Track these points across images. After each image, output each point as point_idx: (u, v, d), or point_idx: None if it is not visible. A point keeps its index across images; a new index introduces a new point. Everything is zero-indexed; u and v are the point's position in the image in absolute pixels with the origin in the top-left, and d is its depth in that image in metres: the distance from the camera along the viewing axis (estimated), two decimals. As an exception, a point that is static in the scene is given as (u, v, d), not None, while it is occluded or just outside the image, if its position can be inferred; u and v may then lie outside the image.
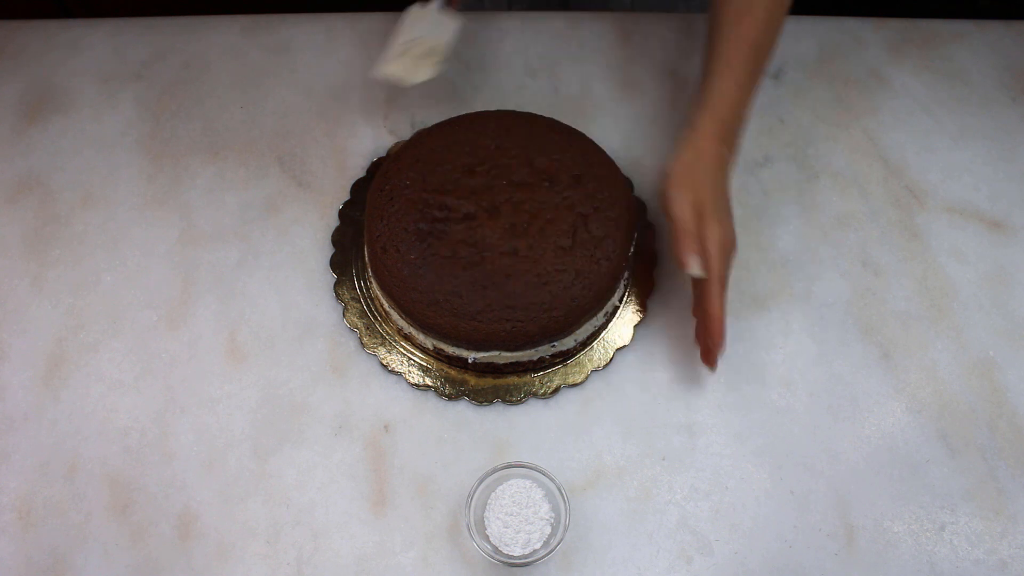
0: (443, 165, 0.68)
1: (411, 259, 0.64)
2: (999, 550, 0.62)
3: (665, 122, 0.81)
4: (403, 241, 0.65)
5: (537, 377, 0.68)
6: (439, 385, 0.67)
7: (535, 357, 0.66)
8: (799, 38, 0.86)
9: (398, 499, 0.64)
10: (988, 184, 0.78)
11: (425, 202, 0.66)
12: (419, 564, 0.61)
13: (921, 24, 0.87)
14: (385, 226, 0.66)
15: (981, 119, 0.81)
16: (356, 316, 0.70)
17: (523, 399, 0.66)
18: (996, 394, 0.68)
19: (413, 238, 0.65)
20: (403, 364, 0.68)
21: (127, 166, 0.78)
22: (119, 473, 0.65)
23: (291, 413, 0.67)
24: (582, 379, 0.67)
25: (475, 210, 0.66)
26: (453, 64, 0.84)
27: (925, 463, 0.65)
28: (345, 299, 0.71)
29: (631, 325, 0.70)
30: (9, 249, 0.74)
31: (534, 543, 0.59)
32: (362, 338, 0.69)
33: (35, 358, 0.69)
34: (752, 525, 0.63)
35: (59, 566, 0.61)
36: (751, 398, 0.68)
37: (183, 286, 0.72)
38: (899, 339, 0.70)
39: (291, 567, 0.61)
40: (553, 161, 0.68)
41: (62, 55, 0.85)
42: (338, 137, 0.80)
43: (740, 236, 0.74)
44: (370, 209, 0.68)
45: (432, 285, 0.64)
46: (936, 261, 0.74)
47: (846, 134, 0.80)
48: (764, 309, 0.71)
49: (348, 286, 0.71)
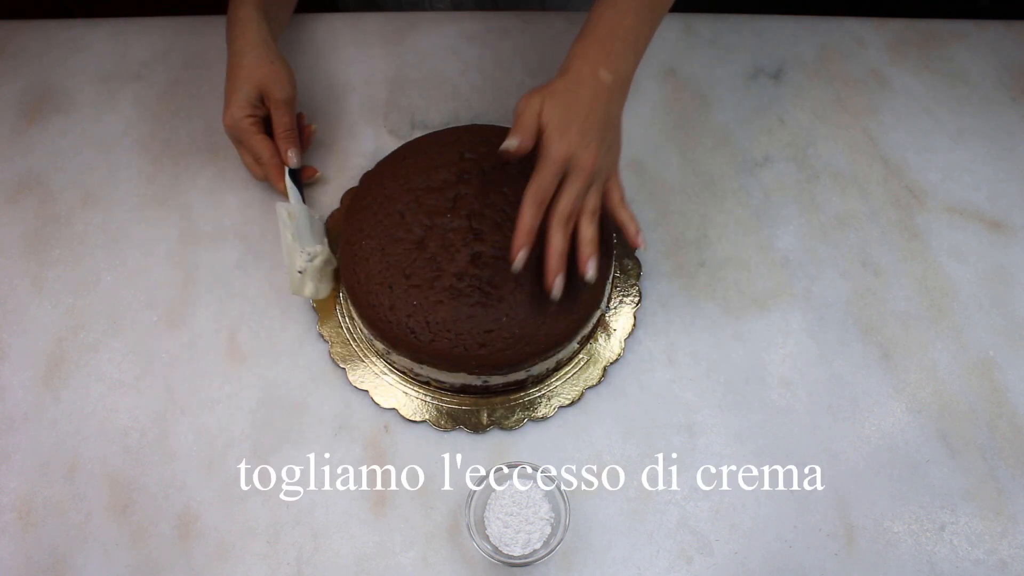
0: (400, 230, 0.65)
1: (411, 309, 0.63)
2: (999, 550, 0.62)
3: (665, 122, 0.81)
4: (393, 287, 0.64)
5: (532, 396, 0.67)
6: (435, 415, 0.67)
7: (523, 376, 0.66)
8: (799, 38, 0.86)
9: (398, 499, 0.64)
10: (988, 184, 0.78)
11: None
12: (419, 564, 0.61)
13: (921, 24, 0.87)
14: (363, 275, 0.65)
15: (981, 119, 0.81)
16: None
17: (522, 423, 0.66)
18: (996, 394, 0.68)
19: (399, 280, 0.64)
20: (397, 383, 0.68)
21: (127, 166, 0.78)
22: (119, 473, 0.64)
23: (291, 413, 0.67)
24: (577, 396, 0.67)
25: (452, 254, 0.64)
26: (453, 64, 0.84)
27: (925, 463, 0.65)
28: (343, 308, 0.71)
29: (630, 315, 0.70)
30: (9, 249, 0.74)
31: (534, 543, 0.59)
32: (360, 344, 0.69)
33: (35, 358, 0.69)
34: (752, 525, 0.63)
35: (59, 566, 0.61)
36: (751, 398, 0.68)
37: (183, 286, 0.72)
38: (899, 339, 0.70)
39: (291, 567, 0.61)
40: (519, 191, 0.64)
41: (62, 55, 0.85)
42: (338, 137, 0.80)
43: (740, 236, 0.75)
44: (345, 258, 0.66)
45: (416, 314, 0.63)
46: (936, 261, 0.74)
47: (846, 134, 0.80)
48: (764, 309, 0.71)
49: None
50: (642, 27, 0.64)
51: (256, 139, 0.71)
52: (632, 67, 0.63)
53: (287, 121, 0.72)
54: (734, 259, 0.73)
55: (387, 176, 0.68)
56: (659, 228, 0.75)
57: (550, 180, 0.58)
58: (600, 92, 0.60)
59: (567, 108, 0.59)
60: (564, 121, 0.58)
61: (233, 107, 0.70)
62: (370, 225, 0.66)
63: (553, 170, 0.58)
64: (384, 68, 0.84)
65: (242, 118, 0.70)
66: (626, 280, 0.72)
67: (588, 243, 0.59)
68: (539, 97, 0.59)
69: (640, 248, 0.63)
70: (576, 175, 0.58)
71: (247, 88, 0.70)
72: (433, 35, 0.86)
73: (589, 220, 0.60)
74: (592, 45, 0.62)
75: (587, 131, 0.59)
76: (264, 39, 0.72)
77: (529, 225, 0.58)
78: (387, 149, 0.74)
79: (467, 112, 0.81)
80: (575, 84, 0.60)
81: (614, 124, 0.62)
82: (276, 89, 0.71)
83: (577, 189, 0.59)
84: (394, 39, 0.86)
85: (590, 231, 0.60)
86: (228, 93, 0.70)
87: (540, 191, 0.58)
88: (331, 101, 0.82)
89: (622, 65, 0.62)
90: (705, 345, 0.70)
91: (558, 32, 0.86)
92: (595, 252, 0.60)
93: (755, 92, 0.83)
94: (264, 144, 0.71)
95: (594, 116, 0.60)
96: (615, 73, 0.61)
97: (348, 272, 0.66)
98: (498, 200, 0.65)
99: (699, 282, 0.72)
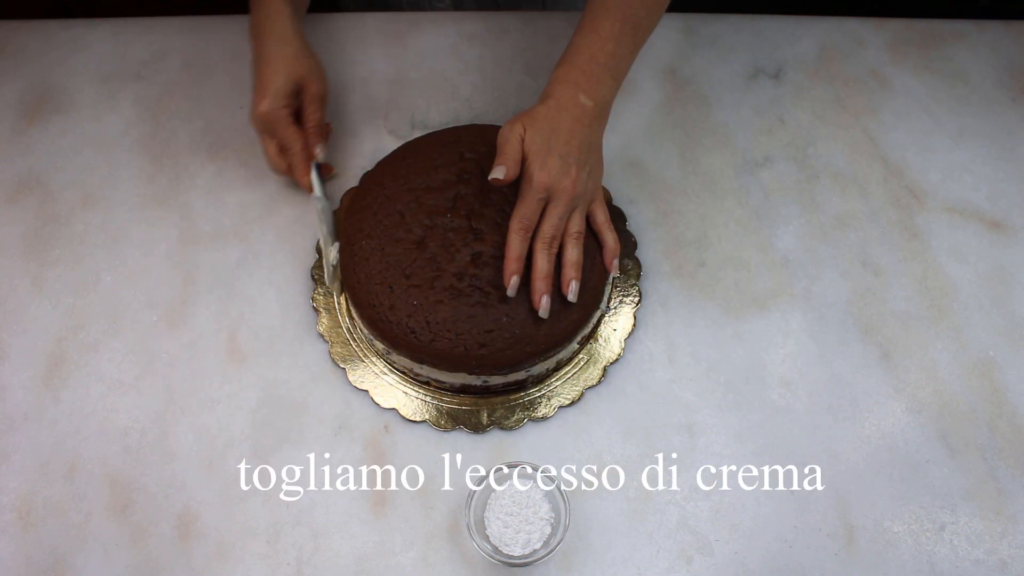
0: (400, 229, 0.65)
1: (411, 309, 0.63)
2: (999, 550, 0.62)
3: (665, 123, 0.81)
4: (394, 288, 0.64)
5: (532, 396, 0.67)
6: (435, 415, 0.67)
7: (523, 376, 0.66)
8: (799, 38, 0.86)
9: (398, 499, 0.64)
10: (988, 184, 0.78)
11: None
12: (419, 564, 0.61)
13: (921, 24, 0.87)
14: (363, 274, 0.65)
15: (981, 119, 0.81)
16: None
17: (522, 423, 0.66)
18: (996, 394, 0.68)
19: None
20: (398, 383, 0.68)
21: (127, 166, 0.78)
22: (119, 473, 0.65)
23: (291, 413, 0.67)
24: (577, 396, 0.67)
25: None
26: (453, 64, 0.84)
27: (925, 463, 0.65)
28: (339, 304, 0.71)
29: (630, 315, 0.70)
30: (9, 249, 0.74)
31: (534, 543, 0.59)
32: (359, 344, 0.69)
33: (35, 358, 0.69)
34: (752, 525, 0.63)
35: (59, 566, 0.61)
36: (751, 398, 0.68)
37: (183, 286, 0.72)
38: (899, 339, 0.70)
39: (291, 567, 0.61)
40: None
41: (62, 55, 0.85)
42: (338, 137, 0.79)
43: (740, 236, 0.75)
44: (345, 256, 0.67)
45: (417, 315, 0.63)
46: (936, 261, 0.74)
47: (846, 134, 0.80)
48: (764, 309, 0.71)
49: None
50: (623, 53, 0.65)
51: (290, 130, 0.71)
52: (612, 92, 0.65)
53: (320, 116, 0.73)
54: (734, 259, 0.73)
55: (387, 176, 0.68)
56: (659, 228, 0.75)
57: (534, 207, 0.61)
58: (581, 117, 0.63)
59: (549, 135, 0.61)
60: (546, 148, 0.61)
61: (270, 97, 0.69)
62: (370, 225, 0.66)
63: (536, 197, 0.61)
64: (384, 68, 0.84)
65: (279, 108, 0.70)
66: (626, 280, 0.72)
67: (571, 266, 0.62)
68: (520, 125, 0.62)
69: (611, 273, 0.66)
70: (558, 200, 0.61)
71: (285, 79, 0.70)
72: (433, 35, 0.86)
73: (573, 243, 0.62)
74: (573, 71, 0.64)
75: (568, 156, 0.61)
76: (300, 33, 0.73)
77: (517, 252, 0.61)
78: (387, 149, 0.74)
79: (467, 112, 0.81)
80: (556, 110, 0.62)
81: (595, 148, 0.64)
82: (314, 84, 0.72)
83: (560, 213, 0.62)
84: (394, 39, 0.86)
85: (574, 254, 0.62)
86: (263, 82, 0.70)
87: (524, 218, 0.61)
88: (331, 101, 0.81)
89: (602, 91, 0.64)
90: (705, 345, 0.70)
91: (558, 32, 0.86)
92: (578, 275, 0.62)
93: (755, 92, 0.83)
94: (297, 136, 0.71)
95: (575, 141, 0.62)
96: (595, 99, 0.63)
97: (348, 272, 0.66)
98: (498, 200, 0.65)
99: (699, 282, 0.72)
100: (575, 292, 0.62)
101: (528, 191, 0.61)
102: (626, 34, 0.65)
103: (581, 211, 0.63)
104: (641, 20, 0.66)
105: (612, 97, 0.66)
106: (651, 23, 0.67)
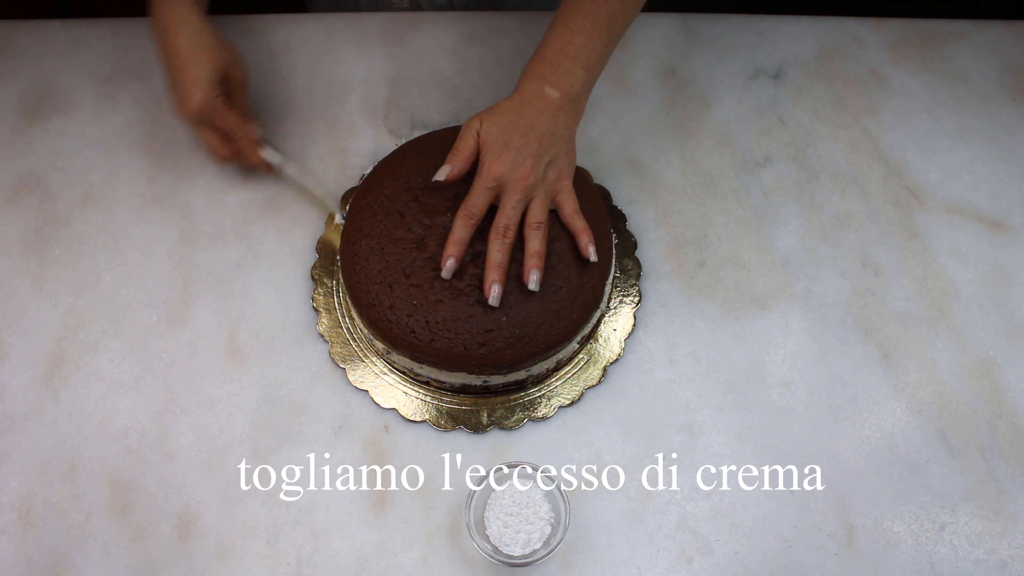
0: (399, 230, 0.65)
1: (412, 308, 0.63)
2: (999, 550, 0.62)
3: (665, 122, 0.81)
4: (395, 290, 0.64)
5: (532, 396, 0.67)
6: (435, 415, 0.67)
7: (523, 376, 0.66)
8: (799, 38, 0.86)
9: (398, 499, 0.64)
10: (988, 184, 0.78)
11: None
12: (419, 564, 0.61)
13: (921, 24, 0.87)
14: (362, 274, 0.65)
15: (981, 119, 0.81)
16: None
17: (522, 423, 0.66)
18: (996, 394, 0.68)
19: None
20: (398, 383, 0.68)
21: (127, 166, 0.78)
22: (119, 473, 0.65)
23: (291, 413, 0.67)
24: (577, 396, 0.67)
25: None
26: (453, 64, 0.84)
27: (925, 463, 0.65)
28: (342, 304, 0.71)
29: (630, 315, 0.70)
30: (9, 249, 0.74)
31: (534, 543, 0.59)
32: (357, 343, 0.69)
33: (35, 358, 0.69)
34: (752, 525, 0.63)
35: (59, 566, 0.61)
36: (751, 398, 0.68)
37: (183, 286, 0.72)
38: (899, 339, 0.70)
39: (291, 567, 0.61)
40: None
41: (62, 55, 0.85)
42: (338, 137, 0.80)
43: (740, 236, 0.75)
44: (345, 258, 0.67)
45: (418, 315, 0.63)
46: (936, 261, 0.74)
47: (846, 134, 0.80)
48: (764, 309, 0.71)
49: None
50: (595, 44, 0.65)
51: (229, 116, 0.71)
52: (583, 83, 0.65)
53: (246, 101, 0.74)
54: (734, 259, 0.73)
55: (387, 176, 0.68)
56: (659, 228, 0.75)
57: (482, 196, 0.62)
58: (545, 109, 0.63)
59: (507, 127, 0.62)
60: (501, 140, 0.62)
61: (204, 88, 0.69)
62: (370, 225, 0.66)
63: (484, 186, 0.62)
64: (384, 68, 0.84)
65: (214, 98, 0.70)
66: (626, 280, 0.72)
67: (531, 255, 0.62)
68: (478, 119, 0.63)
69: (589, 258, 0.64)
70: (511, 190, 0.61)
71: (212, 70, 0.69)
72: (433, 35, 0.86)
73: (533, 233, 0.62)
74: (539, 65, 0.64)
75: (524, 148, 0.61)
76: (210, 24, 0.72)
77: (458, 237, 0.61)
78: (387, 149, 0.74)
79: (467, 112, 0.81)
80: (518, 103, 0.63)
81: (561, 139, 0.64)
82: (237, 71, 0.72)
83: (512, 203, 0.61)
84: (394, 39, 0.86)
85: (535, 244, 0.62)
86: (190, 77, 0.69)
87: (468, 206, 0.62)
88: (331, 101, 0.81)
89: (571, 81, 0.64)
90: (705, 345, 0.70)
91: (558, 32, 0.86)
92: (538, 265, 0.62)
93: (755, 92, 0.83)
94: (236, 120, 0.71)
95: (534, 133, 0.62)
96: (562, 90, 0.64)
97: (348, 272, 0.66)
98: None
99: (699, 282, 0.72)
100: (536, 282, 0.61)
101: (478, 180, 0.62)
102: (599, 26, 0.65)
103: (541, 202, 0.63)
104: (616, 13, 0.66)
105: (585, 87, 0.65)
106: (628, 15, 0.67)
